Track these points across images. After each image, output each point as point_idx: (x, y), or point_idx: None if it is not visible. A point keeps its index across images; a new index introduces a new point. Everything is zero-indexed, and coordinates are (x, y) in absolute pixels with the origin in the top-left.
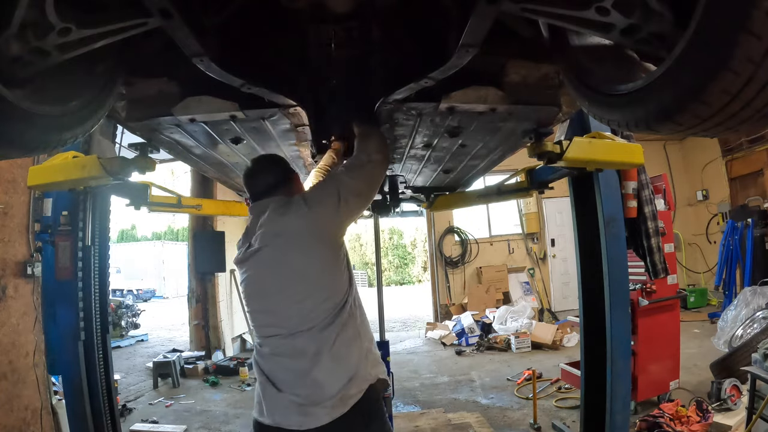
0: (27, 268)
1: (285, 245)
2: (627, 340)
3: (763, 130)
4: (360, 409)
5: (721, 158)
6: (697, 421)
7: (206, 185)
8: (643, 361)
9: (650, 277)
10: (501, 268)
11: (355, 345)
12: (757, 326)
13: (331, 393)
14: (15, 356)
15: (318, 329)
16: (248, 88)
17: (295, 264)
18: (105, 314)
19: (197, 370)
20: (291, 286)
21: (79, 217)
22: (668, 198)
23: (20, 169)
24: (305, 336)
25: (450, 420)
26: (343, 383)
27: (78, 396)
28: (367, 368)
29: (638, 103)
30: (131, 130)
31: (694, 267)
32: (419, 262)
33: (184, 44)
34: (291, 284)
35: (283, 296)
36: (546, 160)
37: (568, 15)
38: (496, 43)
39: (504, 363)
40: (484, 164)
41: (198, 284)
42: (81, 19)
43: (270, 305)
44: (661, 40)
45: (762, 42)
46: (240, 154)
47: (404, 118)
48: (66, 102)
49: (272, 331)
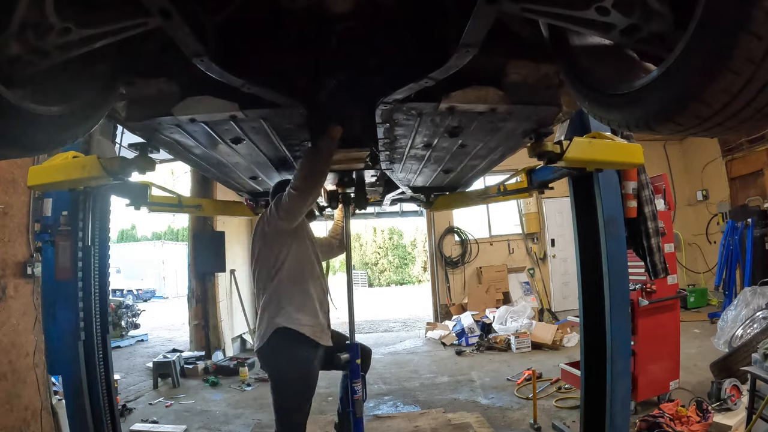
0: (27, 268)
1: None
2: (627, 340)
3: (763, 130)
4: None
5: (721, 158)
6: (697, 421)
7: (206, 185)
8: (643, 361)
9: (650, 277)
10: (501, 268)
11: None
12: (757, 326)
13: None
14: (15, 356)
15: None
16: (248, 88)
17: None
18: (105, 314)
19: (197, 370)
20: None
21: (79, 217)
22: (668, 198)
23: (20, 169)
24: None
25: (450, 420)
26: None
27: (78, 396)
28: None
29: (638, 103)
30: (131, 130)
31: (694, 267)
32: (419, 262)
33: (184, 44)
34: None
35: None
36: (546, 160)
37: (568, 15)
38: (496, 43)
39: (504, 363)
40: (484, 164)
41: (198, 284)
42: (81, 19)
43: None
44: (661, 40)
45: (762, 42)
46: (240, 154)
47: (404, 118)
48: (66, 102)
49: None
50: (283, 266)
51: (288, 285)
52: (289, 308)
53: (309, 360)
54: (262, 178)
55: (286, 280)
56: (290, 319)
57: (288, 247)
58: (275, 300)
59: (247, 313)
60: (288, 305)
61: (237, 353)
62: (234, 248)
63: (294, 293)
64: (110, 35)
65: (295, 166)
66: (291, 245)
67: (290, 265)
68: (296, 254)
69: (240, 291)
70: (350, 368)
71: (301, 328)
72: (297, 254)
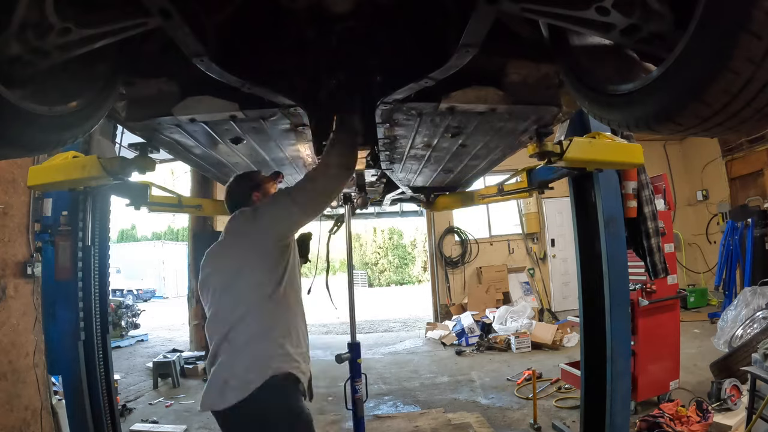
0: (27, 268)
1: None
2: (627, 340)
3: (763, 130)
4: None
5: (721, 158)
6: (697, 421)
7: (206, 185)
8: (643, 361)
9: (650, 277)
10: (501, 268)
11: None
12: (757, 326)
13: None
14: (15, 356)
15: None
16: (248, 88)
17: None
18: (105, 314)
19: (197, 370)
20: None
21: (79, 217)
22: (668, 198)
23: (20, 169)
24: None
25: (450, 420)
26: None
27: (78, 396)
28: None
29: (638, 103)
30: (131, 130)
31: (694, 267)
32: (419, 262)
33: (184, 44)
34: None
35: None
36: (546, 160)
37: (568, 15)
38: (496, 43)
39: (504, 363)
40: (484, 164)
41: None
42: (81, 19)
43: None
44: (661, 40)
45: (762, 42)
46: (240, 154)
47: (404, 118)
48: (66, 102)
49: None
50: (282, 282)
51: (286, 309)
52: (287, 343)
53: (304, 409)
54: None
55: (286, 301)
56: (289, 359)
57: (289, 256)
58: (269, 330)
59: None
60: (286, 338)
61: None
62: None
63: (295, 320)
64: (110, 35)
65: (294, 166)
66: (291, 253)
67: (290, 280)
68: (293, 265)
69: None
70: (351, 367)
71: (296, 370)
72: (294, 265)
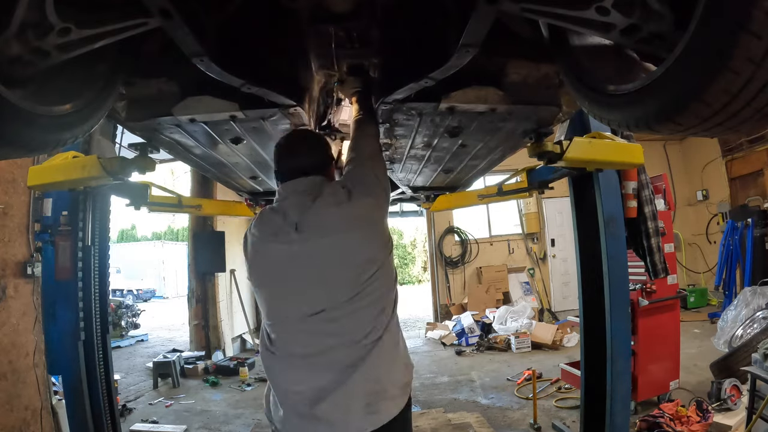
0: (27, 268)
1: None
2: (627, 340)
3: (763, 130)
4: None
5: (721, 158)
6: (697, 421)
7: (206, 185)
8: (643, 361)
9: (650, 277)
10: (501, 268)
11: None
12: (757, 326)
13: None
14: (15, 356)
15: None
16: (248, 88)
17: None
18: (105, 314)
19: (197, 370)
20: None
21: (79, 217)
22: (668, 198)
23: (20, 169)
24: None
25: (450, 420)
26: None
27: (78, 396)
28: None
29: (638, 103)
30: (131, 130)
31: (694, 267)
32: (419, 262)
33: (184, 44)
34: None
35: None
36: (546, 160)
37: (568, 15)
38: (496, 43)
39: (504, 363)
40: (484, 164)
41: (198, 284)
42: (81, 19)
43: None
44: (661, 40)
45: (762, 42)
46: (240, 154)
47: (404, 118)
48: (66, 102)
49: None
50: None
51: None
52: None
53: None
54: (262, 178)
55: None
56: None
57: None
58: (400, 337)
59: (247, 313)
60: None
61: (237, 353)
62: (234, 248)
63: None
64: (110, 35)
65: None
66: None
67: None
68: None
69: (240, 291)
70: None
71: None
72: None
